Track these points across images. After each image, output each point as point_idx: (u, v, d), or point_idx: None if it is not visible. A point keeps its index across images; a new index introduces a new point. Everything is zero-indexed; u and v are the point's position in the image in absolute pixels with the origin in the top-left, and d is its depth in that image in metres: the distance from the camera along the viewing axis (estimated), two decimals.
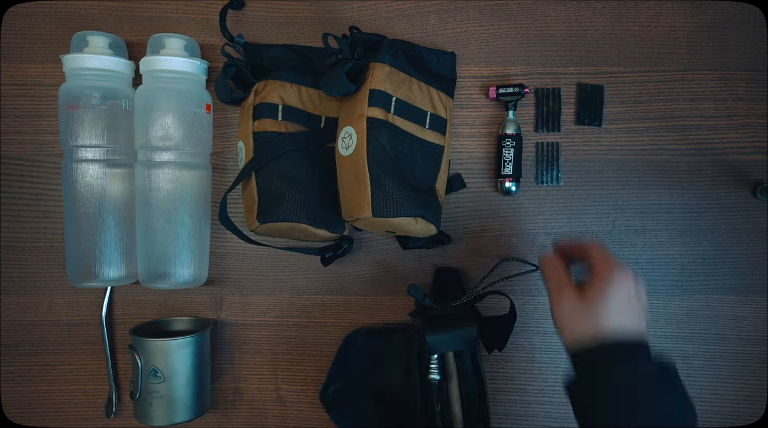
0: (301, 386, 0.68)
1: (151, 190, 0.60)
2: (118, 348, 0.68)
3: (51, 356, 0.67)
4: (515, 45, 0.67)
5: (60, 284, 0.67)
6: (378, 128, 0.56)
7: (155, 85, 0.60)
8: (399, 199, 0.55)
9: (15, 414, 0.67)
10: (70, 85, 0.60)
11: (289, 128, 0.61)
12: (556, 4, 0.67)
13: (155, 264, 0.61)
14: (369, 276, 0.68)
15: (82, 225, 0.61)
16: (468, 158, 0.67)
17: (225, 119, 0.67)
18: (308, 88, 0.63)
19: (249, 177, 0.60)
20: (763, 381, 0.68)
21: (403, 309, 0.68)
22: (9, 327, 0.67)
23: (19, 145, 0.66)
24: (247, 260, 0.67)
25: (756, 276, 0.67)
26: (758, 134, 0.67)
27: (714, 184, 0.67)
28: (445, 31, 0.67)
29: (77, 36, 0.61)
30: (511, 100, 0.65)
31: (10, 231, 0.66)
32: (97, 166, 0.61)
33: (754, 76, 0.67)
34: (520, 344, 0.68)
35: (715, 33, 0.67)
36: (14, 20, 0.65)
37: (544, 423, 0.68)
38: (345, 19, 0.67)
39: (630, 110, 0.67)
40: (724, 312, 0.68)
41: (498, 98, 0.65)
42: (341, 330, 0.67)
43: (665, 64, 0.67)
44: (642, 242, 0.68)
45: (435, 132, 0.62)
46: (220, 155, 0.67)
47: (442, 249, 0.67)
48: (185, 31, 0.66)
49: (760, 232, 0.67)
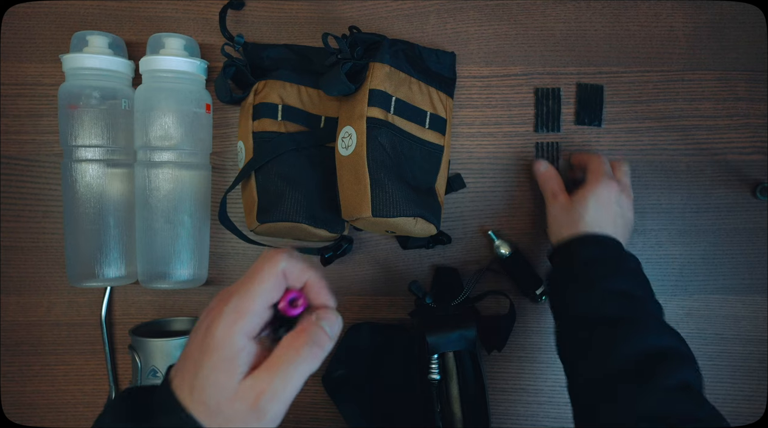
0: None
1: (151, 189, 0.60)
2: (117, 348, 0.67)
3: (51, 356, 0.67)
4: (515, 45, 0.67)
5: (60, 284, 0.67)
6: (378, 128, 0.56)
7: (155, 85, 0.60)
8: (399, 199, 0.55)
9: (15, 414, 0.67)
10: (70, 85, 0.60)
11: (288, 128, 0.61)
12: (556, 4, 0.67)
13: (155, 264, 0.61)
14: (369, 276, 0.68)
15: (81, 225, 0.61)
16: (468, 158, 0.67)
17: (225, 119, 0.67)
18: (308, 88, 0.63)
19: (249, 177, 0.60)
20: (763, 381, 0.68)
21: (403, 309, 0.68)
22: (9, 327, 0.67)
23: (18, 145, 0.66)
24: (247, 260, 0.67)
25: (756, 276, 0.67)
26: (758, 134, 0.67)
27: (714, 184, 0.67)
28: (445, 31, 0.67)
29: (77, 36, 0.61)
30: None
31: (10, 231, 0.66)
32: (97, 166, 0.61)
33: (754, 76, 0.67)
34: (520, 344, 0.68)
35: (715, 33, 0.67)
36: (14, 20, 0.65)
37: (544, 423, 0.68)
38: (345, 19, 0.67)
39: (630, 110, 0.67)
40: (724, 312, 0.68)
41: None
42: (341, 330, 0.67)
43: (665, 64, 0.67)
44: (642, 242, 0.68)
45: (435, 132, 0.62)
46: (220, 155, 0.67)
47: (442, 249, 0.67)
48: (185, 31, 0.66)
49: (760, 232, 0.67)
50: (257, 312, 0.34)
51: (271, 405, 0.33)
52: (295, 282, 0.36)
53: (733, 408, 0.68)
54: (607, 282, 0.53)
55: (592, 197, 0.57)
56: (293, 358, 0.34)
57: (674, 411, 0.45)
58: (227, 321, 0.34)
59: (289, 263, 0.36)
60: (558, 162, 0.67)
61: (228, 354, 0.33)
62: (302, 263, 0.36)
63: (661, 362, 0.47)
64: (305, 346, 0.34)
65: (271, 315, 0.36)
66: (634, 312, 0.51)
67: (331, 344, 0.36)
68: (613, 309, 0.51)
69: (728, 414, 0.67)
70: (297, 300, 0.36)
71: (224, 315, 0.34)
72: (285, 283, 0.36)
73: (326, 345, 0.36)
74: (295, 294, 0.36)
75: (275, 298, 0.36)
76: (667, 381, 0.46)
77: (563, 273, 0.57)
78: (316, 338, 0.35)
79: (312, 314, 0.36)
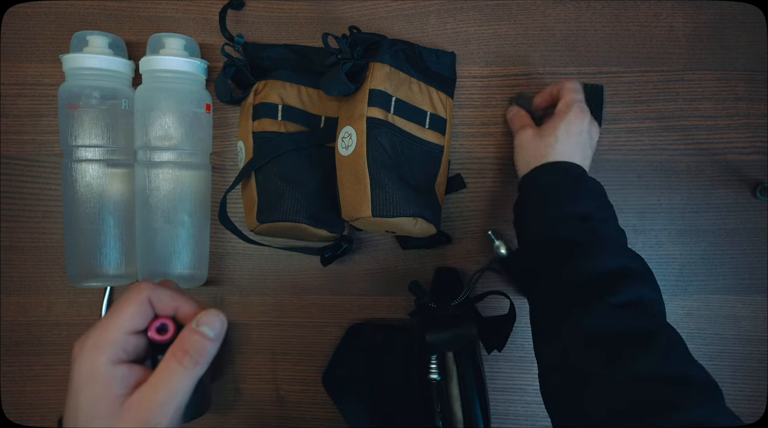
0: (301, 386, 0.68)
1: (151, 189, 0.60)
2: None
3: (51, 356, 0.67)
4: (515, 45, 0.67)
5: (60, 284, 0.67)
6: (378, 128, 0.56)
7: (155, 85, 0.60)
8: (399, 199, 0.55)
9: (15, 414, 0.67)
10: (70, 85, 0.60)
11: (288, 128, 0.61)
12: (556, 4, 0.67)
13: (155, 264, 0.61)
14: (369, 276, 0.68)
15: (81, 225, 0.61)
16: (468, 158, 0.67)
17: (225, 119, 0.67)
18: (308, 88, 0.63)
19: (249, 177, 0.60)
20: (763, 381, 0.68)
21: (403, 309, 0.68)
22: (9, 327, 0.67)
23: (18, 145, 0.66)
24: (247, 260, 0.67)
25: (756, 276, 0.67)
26: (758, 134, 0.67)
27: (714, 184, 0.67)
28: (445, 31, 0.67)
29: (77, 36, 0.61)
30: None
31: (10, 231, 0.66)
32: (97, 166, 0.61)
33: (754, 76, 0.67)
34: (520, 344, 0.68)
35: (715, 33, 0.67)
36: (14, 20, 0.65)
37: (544, 423, 0.68)
38: (345, 19, 0.67)
39: (630, 110, 0.67)
40: (724, 312, 0.68)
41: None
42: (341, 330, 0.67)
43: (665, 64, 0.67)
44: (642, 242, 0.68)
45: (435, 132, 0.62)
46: (220, 155, 0.67)
47: (442, 249, 0.67)
48: (185, 31, 0.66)
49: (760, 232, 0.67)
50: (118, 341, 0.35)
51: (161, 418, 0.34)
52: (165, 309, 0.37)
53: (733, 408, 0.67)
54: (565, 205, 0.51)
55: (563, 126, 0.56)
56: (176, 369, 0.35)
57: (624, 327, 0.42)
58: (90, 356, 0.34)
59: (155, 291, 0.37)
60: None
61: (100, 385, 0.34)
62: (171, 291, 0.38)
63: (614, 280, 0.45)
64: (186, 356, 0.35)
65: (142, 343, 0.37)
66: (591, 237, 0.50)
67: (216, 344, 0.37)
68: (569, 231, 0.50)
69: None
70: (166, 326, 0.37)
71: (85, 351, 0.35)
72: (151, 311, 0.37)
73: (209, 348, 0.36)
74: (163, 322, 0.37)
75: (139, 326, 0.37)
76: (617, 298, 0.43)
77: (524, 202, 0.56)
78: (196, 345, 0.36)
79: (193, 321, 0.37)
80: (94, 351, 0.35)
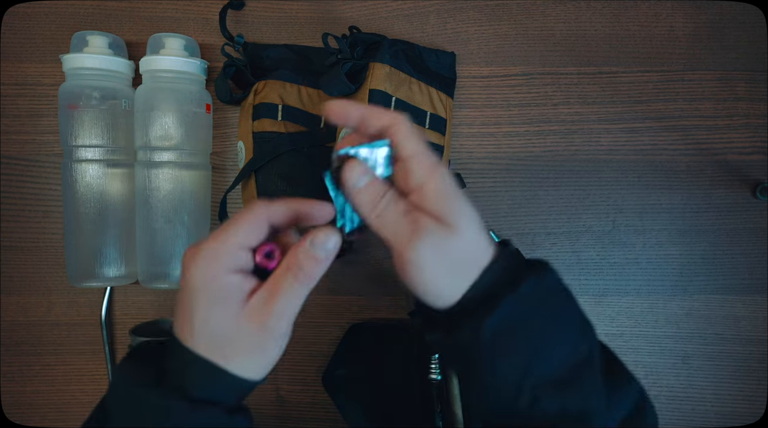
0: (301, 386, 0.68)
1: (151, 189, 0.60)
2: (117, 348, 0.67)
3: (51, 356, 0.67)
4: (515, 45, 0.67)
5: (60, 284, 0.67)
6: None
7: (155, 85, 0.60)
8: None
9: (15, 414, 0.67)
10: (70, 85, 0.60)
11: (288, 128, 0.61)
12: (556, 4, 0.67)
13: (155, 264, 0.61)
14: (369, 276, 0.68)
15: (81, 225, 0.61)
16: (468, 158, 0.67)
17: (225, 119, 0.66)
18: (308, 88, 0.63)
19: (249, 177, 0.60)
20: (763, 381, 0.68)
21: (403, 309, 0.68)
22: (9, 327, 0.67)
23: (18, 145, 0.66)
24: None
25: (756, 276, 0.67)
26: (758, 134, 0.67)
27: (714, 184, 0.67)
28: (445, 31, 0.67)
29: (77, 36, 0.61)
30: None
31: (10, 231, 0.66)
32: (97, 166, 0.61)
33: (754, 76, 0.67)
34: None
35: (715, 33, 0.67)
36: (14, 20, 0.65)
37: None
38: (345, 19, 0.67)
39: (630, 110, 0.67)
40: (724, 312, 0.68)
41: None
42: (341, 330, 0.67)
43: (665, 64, 0.67)
44: (642, 242, 0.68)
45: (435, 132, 0.62)
46: (220, 155, 0.67)
47: None
48: (185, 31, 0.66)
49: (760, 232, 0.67)
50: (233, 251, 0.35)
51: (279, 323, 0.35)
52: (280, 219, 0.37)
53: (733, 408, 0.68)
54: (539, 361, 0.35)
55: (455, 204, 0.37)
56: (291, 282, 0.35)
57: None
58: (205, 263, 0.35)
59: (270, 207, 0.37)
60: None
61: (216, 290, 0.34)
62: (287, 201, 0.38)
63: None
64: (301, 272, 0.35)
65: (249, 263, 0.37)
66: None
67: (328, 262, 0.37)
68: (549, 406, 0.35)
69: (728, 414, 0.68)
70: (272, 253, 0.37)
71: (200, 258, 0.35)
72: (265, 230, 0.37)
73: (322, 265, 0.36)
74: (270, 247, 0.37)
75: (252, 242, 0.36)
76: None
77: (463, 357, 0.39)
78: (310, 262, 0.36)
79: (307, 239, 0.37)
80: (210, 259, 0.35)
